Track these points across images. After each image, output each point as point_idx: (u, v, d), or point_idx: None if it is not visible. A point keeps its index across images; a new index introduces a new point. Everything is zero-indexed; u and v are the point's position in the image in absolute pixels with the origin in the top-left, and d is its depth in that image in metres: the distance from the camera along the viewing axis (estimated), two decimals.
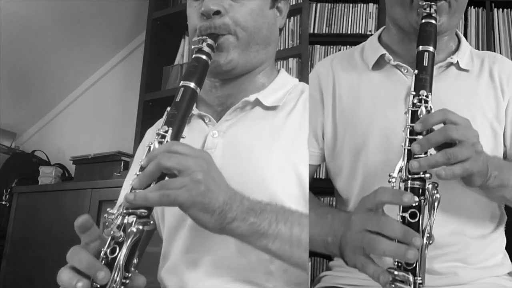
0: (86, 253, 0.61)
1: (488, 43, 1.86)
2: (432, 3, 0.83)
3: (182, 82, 0.74)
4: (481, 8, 1.90)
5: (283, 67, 1.96)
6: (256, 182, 0.79)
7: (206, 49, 0.78)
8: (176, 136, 0.70)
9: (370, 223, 0.69)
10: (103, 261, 0.61)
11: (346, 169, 0.94)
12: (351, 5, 2.01)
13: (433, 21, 0.82)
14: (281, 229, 0.69)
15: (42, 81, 2.85)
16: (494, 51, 1.80)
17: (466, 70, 0.92)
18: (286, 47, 2.00)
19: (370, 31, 1.98)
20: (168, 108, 0.72)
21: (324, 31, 2.02)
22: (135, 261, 0.64)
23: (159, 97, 2.24)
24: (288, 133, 0.83)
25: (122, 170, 2.14)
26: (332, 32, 2.02)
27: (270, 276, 0.77)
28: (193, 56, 0.78)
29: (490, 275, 0.88)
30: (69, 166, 2.52)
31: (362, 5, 2.00)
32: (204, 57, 0.78)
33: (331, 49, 2.02)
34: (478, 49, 1.67)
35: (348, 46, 1.97)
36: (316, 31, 2.02)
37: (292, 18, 2.01)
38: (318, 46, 2.02)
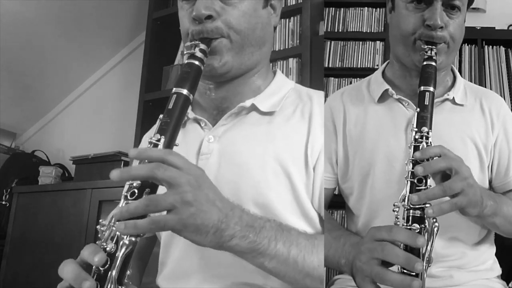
0: (74, 265, 0.60)
1: (480, 76, 2.08)
2: (433, 47, 0.92)
3: (174, 88, 0.72)
4: (473, 46, 2.14)
5: (283, 67, 1.96)
6: (251, 188, 0.79)
7: (198, 54, 0.76)
8: (169, 144, 0.68)
9: (376, 252, 0.76)
10: (95, 274, 0.60)
11: (356, 191, 1.02)
12: (360, 42, 2.30)
13: (434, 63, 0.91)
14: (279, 249, 0.70)
15: (42, 81, 2.85)
16: (485, 84, 2.06)
17: (461, 105, 1.00)
18: (286, 47, 2.00)
19: (377, 65, 2.25)
20: (161, 116, 0.70)
21: (337, 65, 2.30)
22: (128, 272, 0.62)
23: (159, 97, 2.24)
24: (283, 140, 0.83)
25: None
26: (344, 66, 2.29)
27: (268, 280, 0.77)
28: (186, 61, 0.76)
29: (482, 278, 0.97)
30: (69, 166, 2.52)
31: (370, 42, 2.30)
32: (196, 62, 0.76)
33: (343, 81, 2.28)
34: (471, 81, 1.86)
35: (358, 79, 2.20)
36: (330, 65, 2.30)
37: (292, 18, 2.01)
38: (332, 78, 2.28)
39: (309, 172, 0.81)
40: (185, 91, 0.72)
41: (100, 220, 0.65)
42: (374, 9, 2.35)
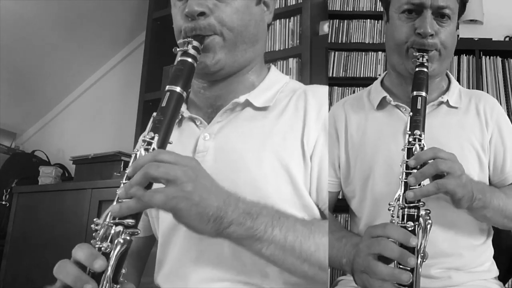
0: (73, 266, 0.60)
1: (477, 85, 2.19)
2: (424, 54, 0.96)
3: (167, 86, 0.72)
4: (471, 56, 2.25)
5: (283, 67, 1.96)
6: (249, 184, 0.79)
7: (191, 51, 0.76)
8: (163, 142, 0.68)
9: (373, 247, 0.79)
10: (90, 273, 0.60)
11: (358, 194, 1.06)
12: (363, 53, 2.42)
13: (425, 69, 0.95)
14: (276, 235, 0.70)
15: (42, 81, 2.85)
16: None
17: (455, 107, 1.04)
18: (286, 47, 2.01)
19: (379, 74, 2.33)
20: (154, 114, 0.70)
21: (341, 75, 2.40)
22: (123, 271, 0.62)
23: (159, 97, 2.22)
24: (279, 134, 0.83)
25: (122, 170, 2.14)
26: (347, 75, 2.40)
27: (266, 278, 0.77)
28: (179, 59, 0.76)
29: (480, 279, 0.99)
30: (69, 166, 2.53)
31: (372, 53, 2.41)
32: (189, 60, 0.75)
33: (347, 90, 2.38)
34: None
35: (361, 87, 2.31)
36: (334, 75, 2.40)
37: (292, 18, 2.02)
38: (336, 87, 2.39)
39: (307, 163, 0.81)
40: (178, 89, 0.72)
41: (94, 219, 0.65)
42: (376, 21, 2.45)
